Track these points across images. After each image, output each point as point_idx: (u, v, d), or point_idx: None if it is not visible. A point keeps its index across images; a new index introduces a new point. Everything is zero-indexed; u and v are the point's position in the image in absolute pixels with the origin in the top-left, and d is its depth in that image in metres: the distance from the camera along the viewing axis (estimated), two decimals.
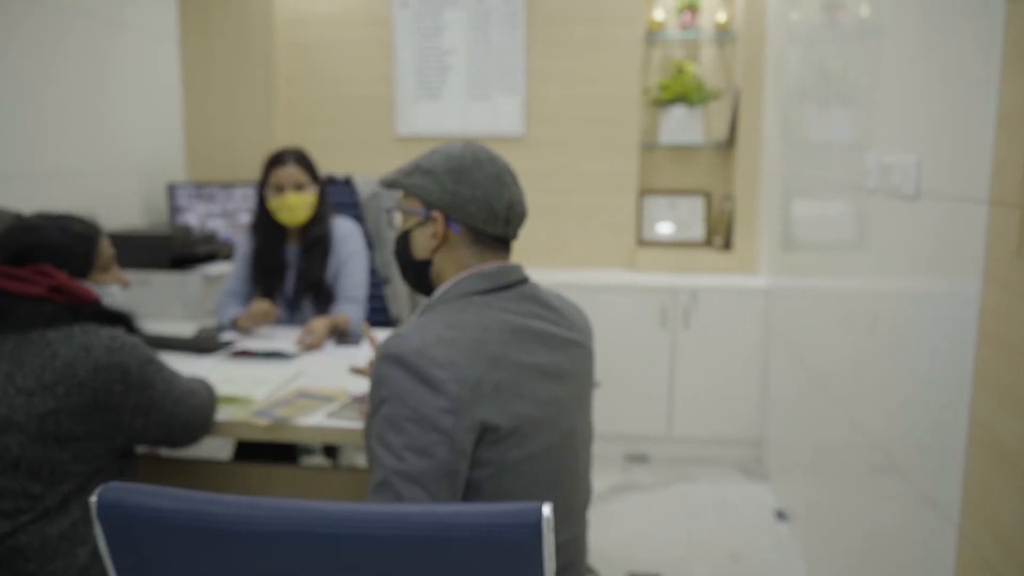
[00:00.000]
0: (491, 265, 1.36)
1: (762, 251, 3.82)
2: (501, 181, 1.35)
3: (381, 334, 2.72)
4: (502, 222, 1.36)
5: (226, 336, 2.62)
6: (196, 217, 3.94)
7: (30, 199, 3.10)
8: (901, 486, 1.89)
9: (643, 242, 4.16)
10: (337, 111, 4.21)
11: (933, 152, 1.74)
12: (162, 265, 3.44)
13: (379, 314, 3.20)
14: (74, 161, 3.38)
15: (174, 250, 3.44)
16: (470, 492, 1.22)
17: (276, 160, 2.69)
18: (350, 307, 2.72)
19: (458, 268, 1.37)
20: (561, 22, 4.00)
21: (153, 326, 2.70)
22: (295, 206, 2.67)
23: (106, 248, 1.68)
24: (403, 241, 1.43)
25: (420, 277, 1.42)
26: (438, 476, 1.15)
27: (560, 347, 1.34)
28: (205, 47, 4.15)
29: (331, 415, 1.83)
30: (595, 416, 2.52)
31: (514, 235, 1.41)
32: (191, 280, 3.45)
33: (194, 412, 1.66)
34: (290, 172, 2.66)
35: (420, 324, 1.27)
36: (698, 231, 4.15)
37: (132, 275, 3.46)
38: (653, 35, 3.99)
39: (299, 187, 2.67)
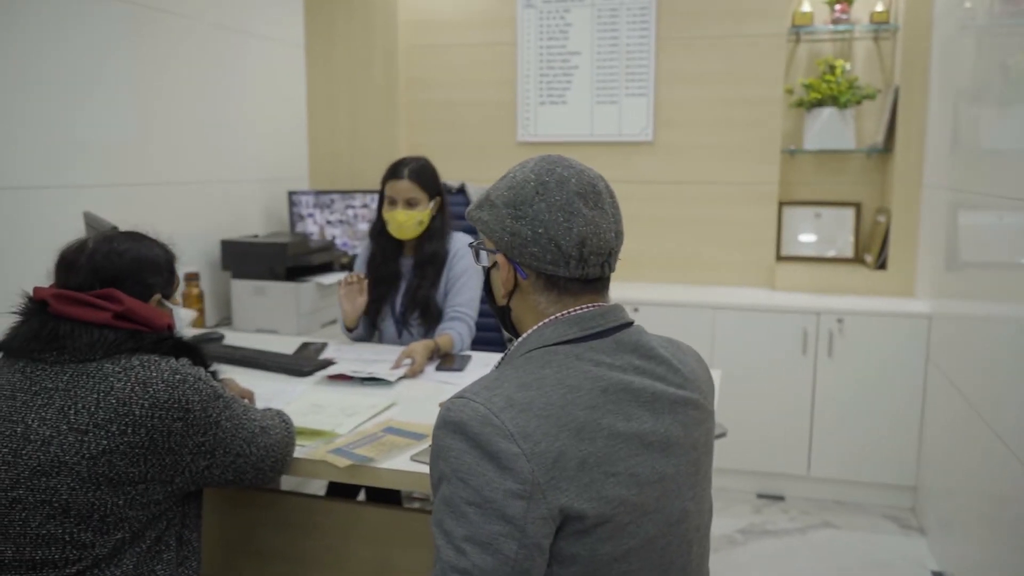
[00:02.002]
0: (580, 308, 1.13)
1: (922, 271, 3.38)
2: (570, 211, 1.09)
3: (493, 357, 2.53)
4: (575, 262, 1.10)
5: (328, 352, 2.51)
6: (316, 225, 3.91)
7: (157, 208, 3.12)
8: None
9: (783, 258, 3.79)
10: (458, 116, 4.07)
11: None
12: (278, 274, 3.40)
13: (492, 333, 3.01)
14: (202, 170, 3.40)
15: (289, 259, 3.40)
16: None
17: (393, 171, 2.58)
18: (456, 326, 2.55)
19: (537, 316, 1.14)
20: (695, 18, 3.69)
21: (256, 341, 2.64)
22: (403, 223, 2.55)
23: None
24: (487, 282, 1.23)
25: (504, 321, 1.21)
26: None
27: (668, 409, 1.09)
28: (329, 53, 4.12)
29: (414, 458, 1.65)
30: (726, 449, 2.20)
31: (599, 273, 1.14)
32: (305, 290, 3.39)
33: (267, 451, 1.52)
34: (403, 187, 2.53)
35: (489, 382, 1.05)
36: (846, 247, 3.74)
37: (249, 284, 3.46)
38: (799, 29, 3.62)
39: (410, 203, 2.54)
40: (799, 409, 3.37)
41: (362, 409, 1.96)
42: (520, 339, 1.14)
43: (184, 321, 1.56)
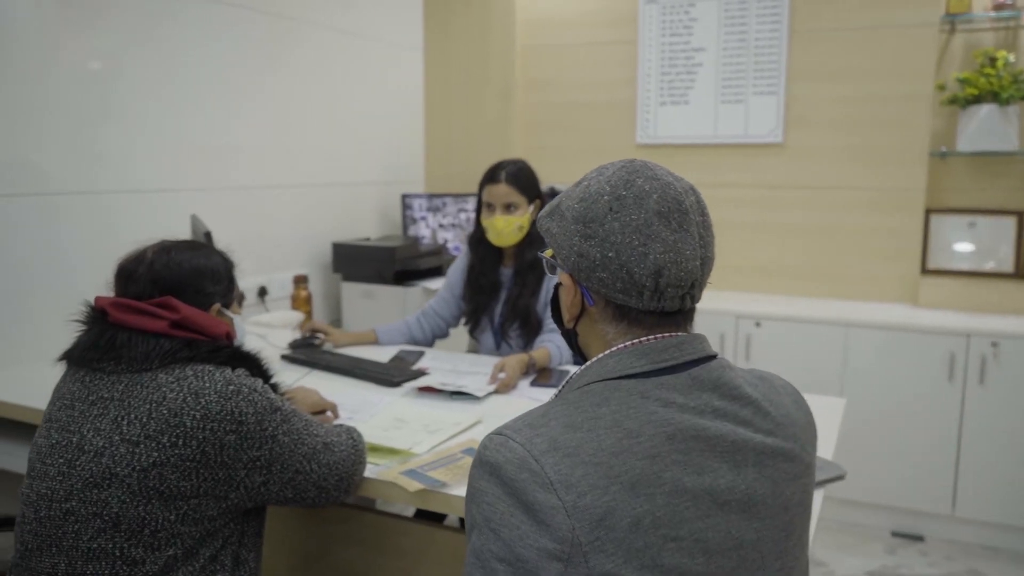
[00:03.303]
0: (652, 337, 0.96)
1: None
2: (647, 234, 0.92)
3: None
4: (649, 294, 0.93)
5: (424, 361, 2.43)
6: (428, 228, 3.87)
7: (270, 210, 3.16)
8: None
9: (929, 271, 3.42)
10: (575, 117, 3.94)
11: None
12: (386, 278, 3.38)
13: None
14: (318, 172, 3.42)
15: (398, 263, 3.37)
16: None
17: (490, 175, 2.50)
18: (555, 338, 2.41)
19: (604, 346, 0.98)
20: (833, 8, 3.40)
21: (355, 346, 2.59)
22: (501, 229, 2.45)
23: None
24: (554, 299, 1.09)
25: (571, 344, 1.06)
26: None
27: (753, 461, 0.91)
28: (447, 55, 4.08)
29: None
30: (857, 480, 1.94)
31: (678, 307, 0.97)
32: (412, 294, 3.35)
33: (330, 469, 1.44)
34: (501, 191, 2.44)
35: (535, 418, 0.91)
36: (1006, 260, 3.33)
37: (358, 287, 3.45)
38: (954, 18, 3.26)
39: (508, 208, 2.44)
40: (944, 441, 3.01)
41: (445, 426, 1.86)
42: (579, 369, 0.99)
43: (245, 331, 1.51)
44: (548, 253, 1.08)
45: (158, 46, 2.65)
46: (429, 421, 1.90)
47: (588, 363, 0.97)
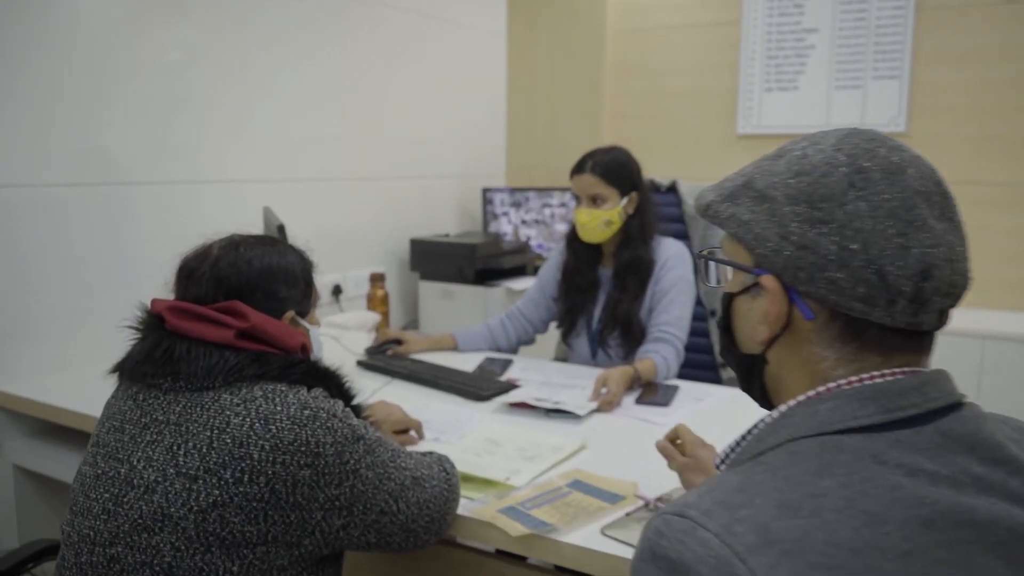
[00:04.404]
0: (883, 375, 0.70)
1: None
2: (908, 220, 0.67)
3: (694, 389, 2.11)
4: (904, 303, 0.68)
5: (513, 371, 2.19)
6: (511, 224, 3.64)
7: (346, 204, 2.99)
8: None
9: None
10: (669, 106, 3.66)
11: None
12: (467, 277, 3.17)
13: (702, 355, 2.57)
14: (395, 165, 3.23)
15: (479, 262, 3.15)
16: None
17: (577, 165, 2.29)
18: (661, 348, 2.14)
19: (813, 379, 0.72)
20: None
21: (435, 355, 2.37)
22: (585, 224, 2.22)
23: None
24: (725, 310, 0.82)
25: (748, 377, 0.80)
26: None
27: None
28: (532, 41, 3.84)
29: (607, 532, 1.28)
30: None
31: (935, 324, 0.72)
32: (494, 295, 3.13)
33: (420, 509, 1.21)
34: (586, 182, 2.22)
35: (727, 492, 0.65)
36: None
37: (436, 286, 3.24)
38: None
39: (595, 200, 2.21)
40: None
41: (544, 451, 1.62)
42: (774, 416, 0.72)
43: (322, 344, 1.29)
44: (708, 252, 0.83)
45: (233, 36, 2.51)
46: (525, 444, 1.66)
47: (785, 408, 0.71)
